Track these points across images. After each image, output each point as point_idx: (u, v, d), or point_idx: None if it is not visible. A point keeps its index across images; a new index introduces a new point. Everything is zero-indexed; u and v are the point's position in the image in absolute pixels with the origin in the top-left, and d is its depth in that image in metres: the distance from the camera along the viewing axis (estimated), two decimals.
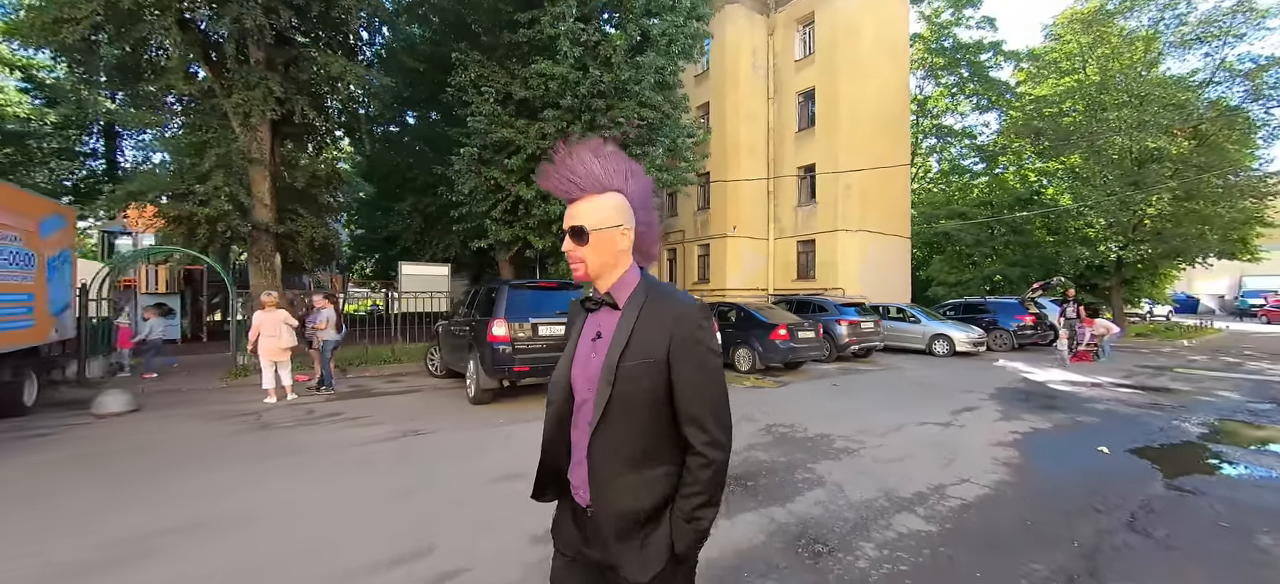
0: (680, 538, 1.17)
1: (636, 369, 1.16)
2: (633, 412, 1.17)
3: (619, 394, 1.16)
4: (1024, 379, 10.04)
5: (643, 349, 1.17)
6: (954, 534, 3.38)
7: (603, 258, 1.23)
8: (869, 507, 3.79)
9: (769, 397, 8.08)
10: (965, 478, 4.43)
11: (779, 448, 5.26)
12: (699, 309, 1.21)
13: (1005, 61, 25.94)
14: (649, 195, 1.32)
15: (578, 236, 1.22)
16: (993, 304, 16.70)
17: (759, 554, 3.07)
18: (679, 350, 1.16)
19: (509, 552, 3.06)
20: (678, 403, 1.17)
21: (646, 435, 1.18)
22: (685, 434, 1.17)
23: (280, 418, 6.46)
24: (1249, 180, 19.13)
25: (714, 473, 1.16)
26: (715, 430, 1.17)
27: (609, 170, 1.24)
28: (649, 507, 1.18)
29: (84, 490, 4.01)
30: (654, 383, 1.16)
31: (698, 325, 1.19)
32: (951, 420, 6.57)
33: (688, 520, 1.16)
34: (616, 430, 1.17)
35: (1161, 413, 7.08)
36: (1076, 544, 3.25)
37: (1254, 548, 3.24)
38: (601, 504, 1.19)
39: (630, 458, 1.18)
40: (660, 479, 1.19)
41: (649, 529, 1.18)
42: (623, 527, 1.17)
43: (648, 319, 1.19)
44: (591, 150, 1.25)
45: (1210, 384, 9.52)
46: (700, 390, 1.17)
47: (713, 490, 1.17)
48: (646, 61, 12.91)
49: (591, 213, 1.22)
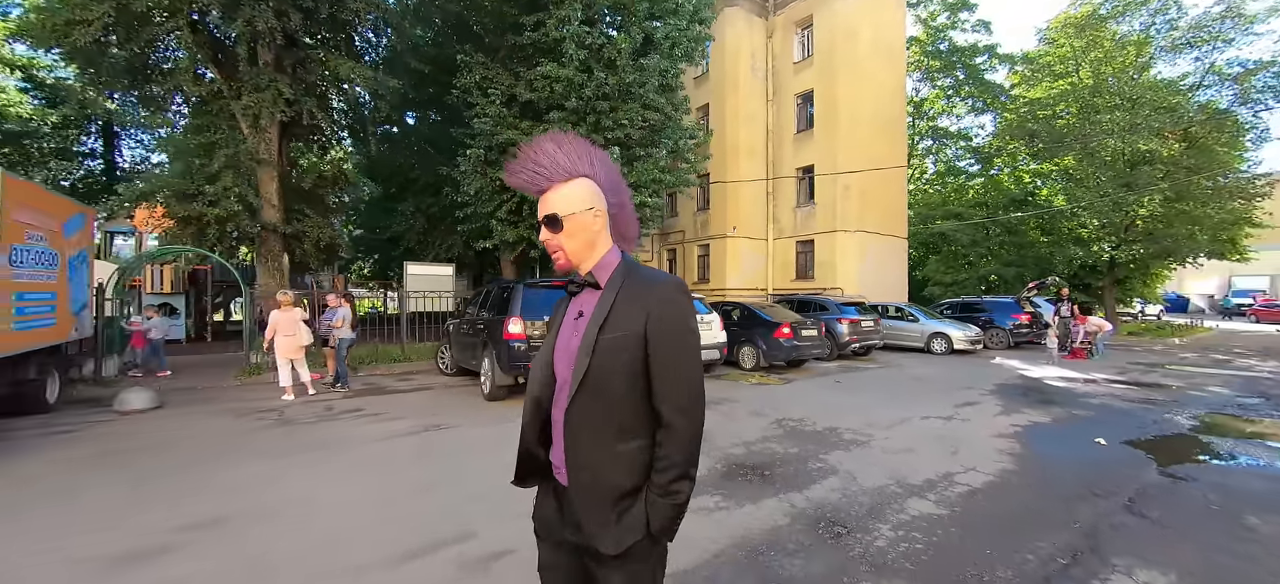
0: (656, 513, 1.17)
1: (615, 342, 1.18)
2: (610, 384, 1.18)
3: (597, 366, 1.18)
4: (1021, 376, 10.30)
5: (622, 323, 1.19)
6: (963, 517, 3.59)
7: (579, 242, 1.26)
8: (882, 493, 4.00)
9: (775, 393, 8.29)
10: (971, 467, 4.65)
11: (791, 440, 5.46)
12: (677, 287, 1.23)
13: (1000, 64, 26.33)
14: (618, 178, 1.34)
15: (552, 225, 1.25)
16: (989, 303, 16.99)
17: (785, 535, 3.27)
18: (656, 325, 1.18)
19: None
20: (652, 376, 1.18)
21: (623, 409, 1.19)
22: (658, 407, 1.18)
23: (301, 414, 6.61)
24: (1237, 182, 19.55)
25: (686, 443, 1.17)
26: (687, 402, 1.18)
27: (573, 157, 1.26)
28: (625, 481, 1.18)
29: (107, 487, 4.12)
30: (632, 356, 1.18)
31: (675, 302, 1.21)
32: (954, 414, 6.80)
33: (663, 494, 1.17)
34: (593, 403, 1.19)
35: (1154, 407, 7.34)
36: (1077, 525, 3.46)
37: (1242, 527, 3.46)
38: (576, 477, 1.20)
39: (606, 431, 1.19)
40: (636, 454, 1.20)
41: (625, 504, 1.18)
42: (597, 500, 1.18)
43: (627, 295, 1.21)
44: (553, 141, 1.28)
45: (1201, 380, 9.81)
46: (675, 364, 1.18)
47: (686, 463, 1.18)
48: (650, 64, 13.11)
49: (562, 200, 1.24)
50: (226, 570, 2.84)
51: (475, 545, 3.10)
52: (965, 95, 27.16)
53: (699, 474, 4.02)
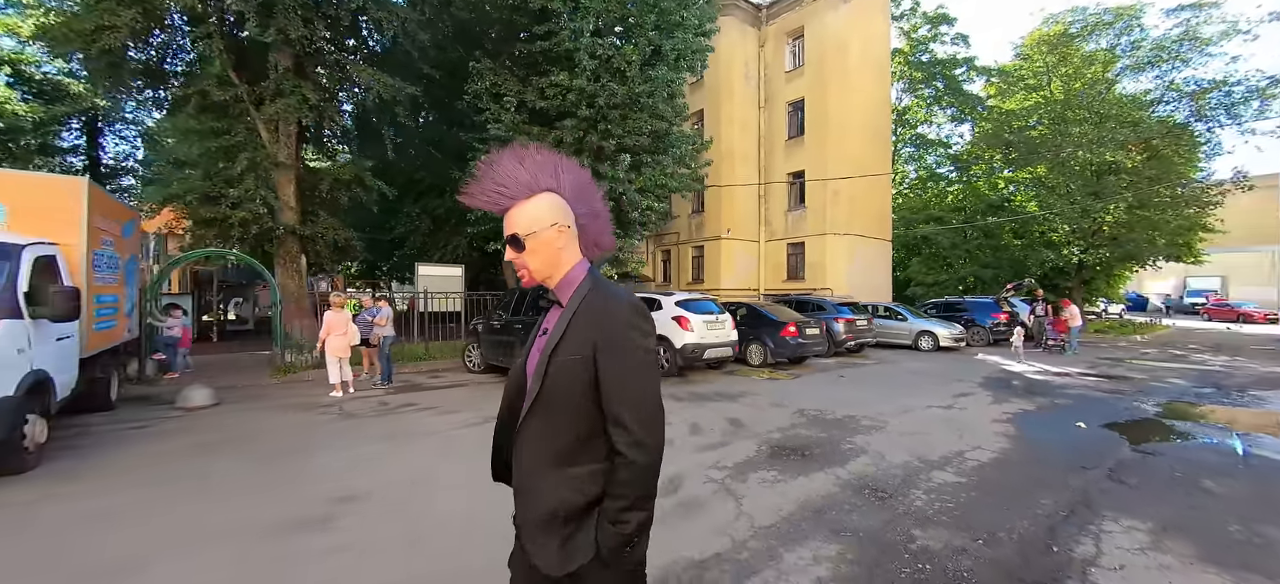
0: (604, 539, 1.13)
1: (567, 364, 1.15)
2: (561, 407, 1.15)
3: (548, 389, 1.15)
4: (1004, 370, 11.25)
5: (573, 345, 1.16)
6: (979, 484, 4.32)
7: (542, 259, 1.23)
8: (908, 467, 4.71)
9: (787, 387, 9.02)
10: (976, 446, 5.41)
11: (816, 427, 6.17)
12: (630, 307, 1.19)
13: (977, 76, 27.72)
14: (587, 186, 1.31)
15: (515, 245, 1.22)
16: (970, 303, 18.09)
17: (838, 499, 3.95)
18: (605, 347, 1.14)
19: None
20: (603, 401, 1.14)
21: (575, 432, 1.16)
22: (609, 433, 1.14)
23: (359, 409, 7.07)
24: (1193, 191, 21.13)
25: (636, 475, 1.12)
26: (638, 431, 1.12)
27: (534, 171, 1.23)
28: (573, 504, 1.15)
29: (230, 472, 4.58)
30: (583, 380, 1.14)
31: (625, 322, 1.17)
32: (953, 403, 7.62)
33: (612, 522, 1.13)
34: (544, 426, 1.16)
35: (1123, 397, 8.28)
36: (1070, 490, 4.22)
37: (1200, 489, 4.27)
38: (522, 497, 1.20)
39: (556, 454, 1.16)
40: (589, 478, 1.16)
41: (572, 528, 1.15)
42: (543, 521, 1.16)
43: (583, 315, 1.18)
44: (514, 157, 1.25)
45: (1161, 373, 10.89)
46: (624, 389, 1.14)
47: (635, 494, 1.13)
48: (659, 75, 13.75)
49: (524, 218, 1.21)
50: (388, 535, 3.38)
51: None
52: (945, 105, 28.51)
53: (752, 453, 4.77)
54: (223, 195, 11.42)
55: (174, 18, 10.54)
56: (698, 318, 9.94)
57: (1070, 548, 3.21)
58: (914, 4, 27.45)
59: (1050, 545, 3.24)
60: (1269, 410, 7.43)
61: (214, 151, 11.80)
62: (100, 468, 4.62)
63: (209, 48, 10.20)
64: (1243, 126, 20.30)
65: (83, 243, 5.62)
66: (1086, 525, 3.53)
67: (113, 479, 4.36)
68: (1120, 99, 21.34)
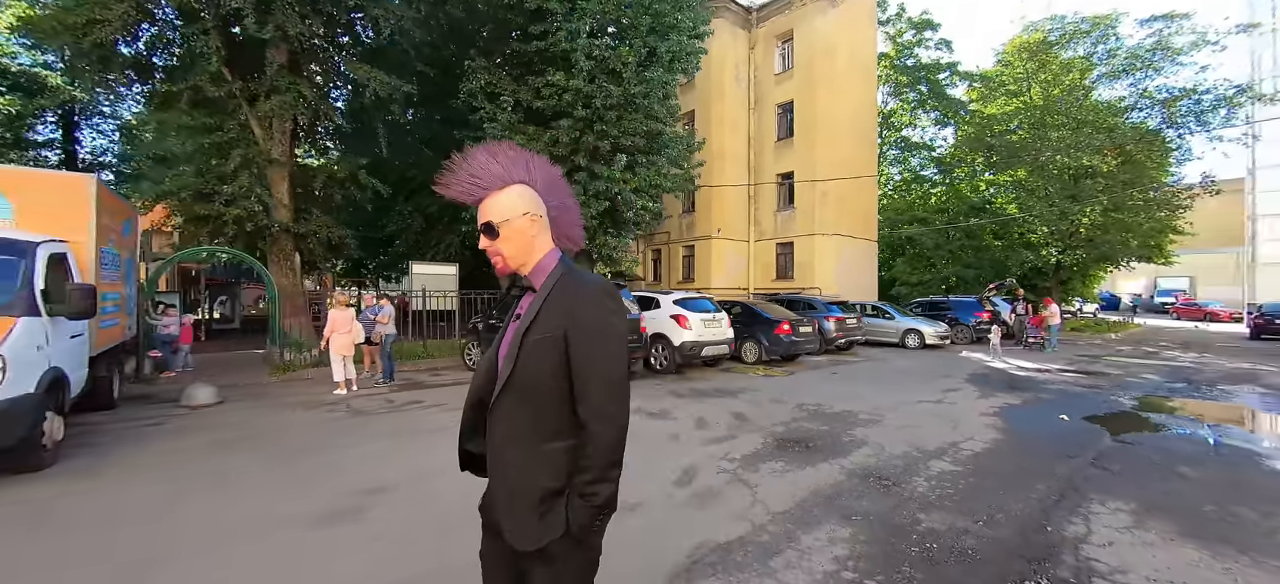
0: (574, 513, 1.18)
1: (539, 344, 1.19)
2: (533, 387, 1.20)
3: (521, 368, 1.19)
4: (989, 367, 11.67)
5: (546, 326, 1.20)
6: (974, 472, 4.58)
7: (515, 246, 1.28)
8: (907, 457, 4.96)
9: (784, 383, 9.27)
10: (969, 437, 5.69)
11: (818, 420, 6.41)
12: (600, 288, 1.25)
13: (960, 81, 28.39)
14: (557, 181, 1.36)
15: (489, 232, 1.27)
16: (954, 302, 18.62)
17: (846, 487, 4.17)
18: (576, 326, 1.19)
19: (665, 489, 4.05)
20: (573, 378, 1.19)
21: (547, 411, 1.20)
22: (578, 409, 1.19)
23: (367, 406, 7.13)
24: (1164, 195, 21.97)
25: (603, 447, 1.16)
26: (605, 404, 1.17)
27: (507, 164, 1.29)
28: (548, 481, 1.19)
29: (248, 468, 4.63)
30: (555, 359, 1.19)
31: (597, 303, 1.22)
32: (943, 398, 7.93)
33: (581, 495, 1.17)
34: (517, 404, 1.21)
35: (1101, 391, 8.69)
36: (1058, 476, 4.50)
37: (1176, 474, 4.58)
38: (495, 475, 1.24)
39: (528, 432, 1.20)
40: (560, 455, 1.21)
41: (547, 504, 1.19)
42: (517, 498, 1.20)
43: (556, 298, 1.23)
44: (486, 151, 1.31)
45: (1135, 369, 11.40)
46: (593, 366, 1.18)
47: (603, 466, 1.17)
48: (654, 77, 13.92)
49: (498, 207, 1.27)
50: (419, 521, 3.50)
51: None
52: (929, 108, 29.16)
53: (759, 445, 4.99)
54: (216, 192, 11.31)
55: (166, 11, 10.40)
56: (695, 316, 10.15)
57: (1062, 528, 3.47)
58: (900, 9, 28.01)
59: (1044, 526, 3.50)
60: (1236, 404, 7.88)
61: (207, 148, 11.67)
62: (119, 464, 4.65)
63: (205, 44, 10.08)
64: (1211, 133, 21.17)
65: (92, 241, 5.61)
66: (1076, 508, 3.80)
67: (134, 475, 4.40)
68: (1096, 105, 22.11)
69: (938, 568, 2.93)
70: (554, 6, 12.83)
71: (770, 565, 2.93)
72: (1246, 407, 7.69)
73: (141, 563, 2.93)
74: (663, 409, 6.99)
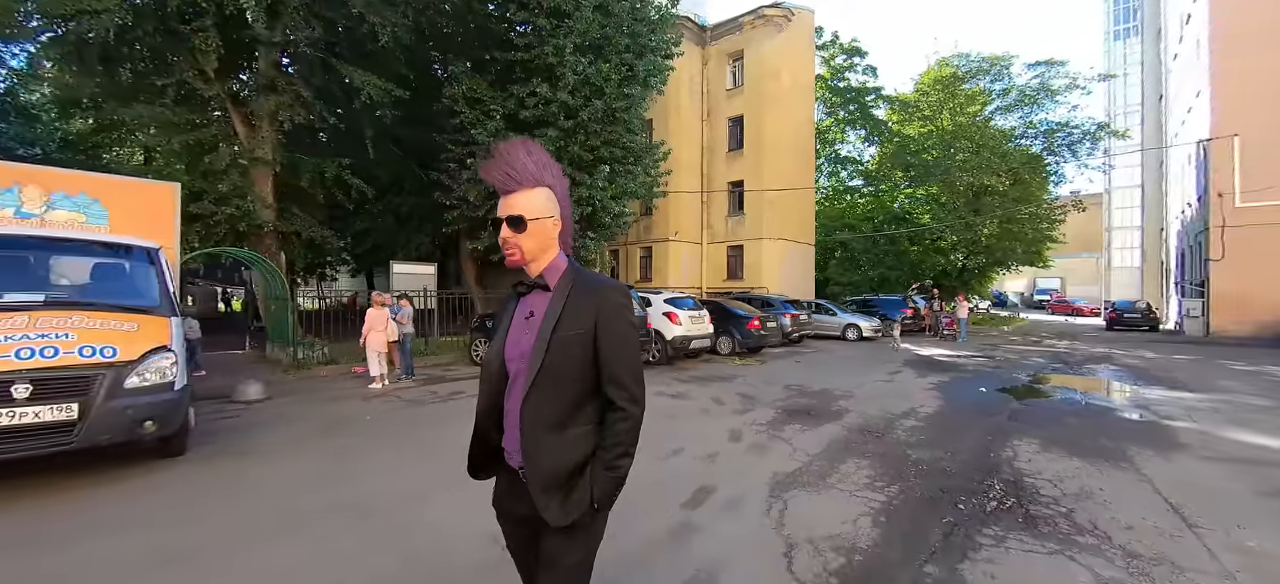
0: (599, 486, 1.33)
1: (568, 340, 1.33)
2: (561, 379, 1.33)
3: (550, 363, 1.32)
4: (917, 354, 13.98)
5: (573, 322, 1.34)
6: (932, 426, 6.27)
7: (536, 243, 1.38)
8: (884, 417, 6.59)
9: (763, 370, 10.86)
10: (920, 405, 7.46)
11: (807, 397, 7.97)
12: (621, 289, 1.41)
13: (883, 103, 31.90)
14: (567, 192, 1.48)
15: (516, 225, 1.36)
16: (881, 300, 21.34)
17: (851, 438, 5.68)
18: (604, 322, 1.35)
19: (725, 445, 5.35)
20: (602, 367, 1.35)
21: (571, 400, 1.35)
22: (608, 393, 1.35)
23: (416, 396, 7.85)
24: (1044, 210, 26.20)
25: (632, 426, 1.35)
26: (634, 388, 1.35)
27: (540, 166, 1.39)
28: (572, 462, 1.34)
29: (366, 448, 5.42)
30: (582, 352, 1.34)
31: (619, 302, 1.39)
32: (891, 378, 9.83)
33: (608, 468, 1.33)
34: (546, 396, 1.33)
35: (1004, 371, 11.01)
36: (988, 425, 6.29)
37: (1062, 424, 6.51)
38: (531, 462, 1.34)
39: (557, 420, 1.34)
40: (581, 438, 1.36)
41: (573, 482, 1.33)
42: (549, 480, 1.32)
43: (577, 297, 1.36)
44: (525, 149, 1.40)
45: (1026, 354, 14.14)
46: (622, 356, 1.35)
47: (630, 443, 1.35)
48: (634, 93, 15.14)
49: (529, 203, 1.36)
50: None
51: (705, 471, 5.12)
52: (857, 127, 32.51)
53: (773, 415, 6.85)
54: (205, 191, 11.22)
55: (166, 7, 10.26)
56: (684, 313, 11.52)
57: (999, 453, 5.15)
58: (834, 36, 31.08)
59: (988, 453, 5.16)
60: (1097, 377, 10.40)
61: (191, 146, 11.50)
62: (247, 449, 5.26)
63: (204, 41, 10.08)
64: (1079, 160, 25.65)
65: (176, 245, 6.04)
66: (1004, 443, 5.53)
67: (274, 455, 5.07)
68: (994, 132, 25.98)
69: (931, 479, 4.45)
70: (542, 23, 13.70)
71: (828, 481, 4.33)
72: (1103, 378, 10.20)
73: (360, 510, 3.82)
74: (679, 392, 8.29)
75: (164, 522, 3.52)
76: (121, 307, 4.49)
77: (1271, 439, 5.70)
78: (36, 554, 3.07)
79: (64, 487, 4.00)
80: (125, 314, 4.41)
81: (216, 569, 2.91)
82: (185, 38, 10.44)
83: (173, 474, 4.41)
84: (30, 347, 3.73)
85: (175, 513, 3.66)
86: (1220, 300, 18.22)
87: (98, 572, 2.89)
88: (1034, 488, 4.21)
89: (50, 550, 3.11)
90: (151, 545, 3.16)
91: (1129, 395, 8.40)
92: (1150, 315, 23.14)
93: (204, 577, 2.84)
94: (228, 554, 3.08)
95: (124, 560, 2.99)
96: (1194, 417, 6.75)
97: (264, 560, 3.01)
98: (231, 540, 3.25)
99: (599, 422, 1.38)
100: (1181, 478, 4.47)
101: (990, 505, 3.85)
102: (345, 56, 12.67)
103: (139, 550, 3.10)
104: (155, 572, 2.88)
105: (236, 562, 3.00)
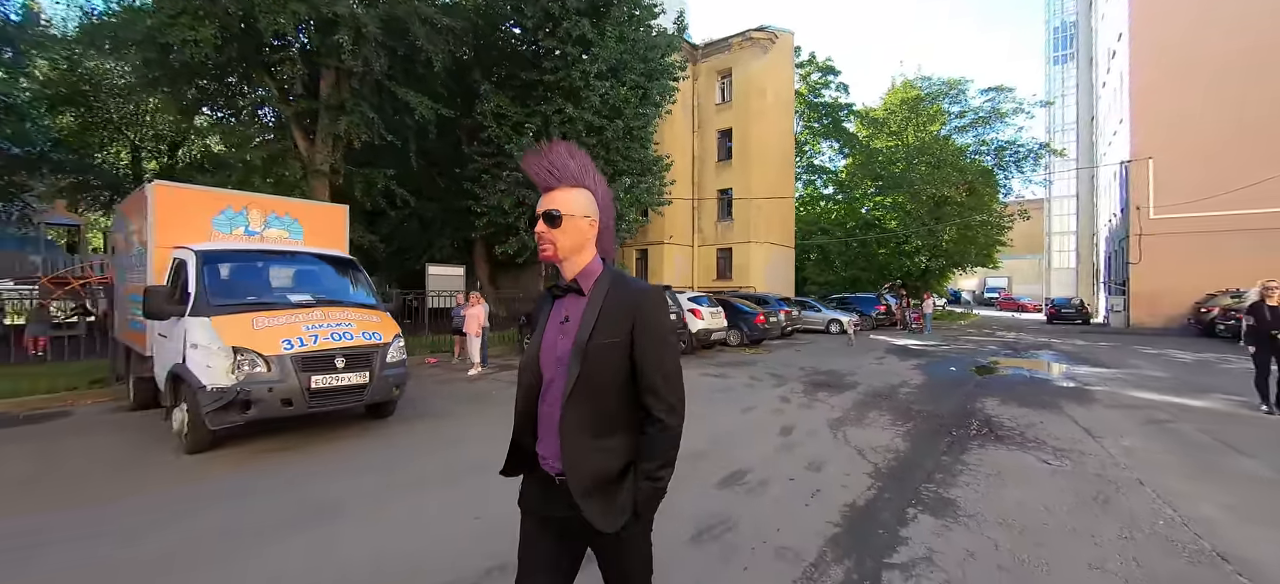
0: (641, 496, 1.33)
1: (604, 348, 1.32)
2: (599, 387, 1.32)
3: (587, 371, 1.31)
4: (894, 345, 16.40)
5: (609, 329, 1.32)
6: (922, 392, 8.41)
7: (571, 241, 1.38)
8: (887, 387, 8.71)
9: (775, 358, 12.92)
10: (907, 379, 9.64)
11: (823, 375, 10.04)
12: (659, 294, 1.39)
13: (853, 117, 34.77)
14: (609, 202, 1.48)
15: (552, 220, 1.37)
16: (857, 298, 23.90)
17: (868, 400, 7.74)
18: (641, 329, 1.33)
19: (780, 405, 7.32)
20: (639, 376, 1.33)
21: (609, 408, 1.34)
22: (645, 403, 1.34)
23: (509, 379, 9.50)
24: (995, 218, 29.49)
25: (671, 438, 1.34)
26: (672, 399, 1.34)
27: (581, 168, 1.42)
28: (613, 470, 1.34)
29: (479, 425, 7.15)
30: (619, 360, 1.33)
31: (657, 308, 1.36)
32: (880, 362, 12.06)
33: (649, 479, 1.32)
34: (585, 403, 1.32)
35: (966, 355, 13.45)
36: (963, 392, 8.48)
37: (1014, 390, 8.77)
38: (573, 470, 1.32)
39: (596, 428, 1.33)
40: (620, 447, 1.36)
41: (613, 490, 1.33)
42: (591, 488, 1.31)
43: (613, 303, 1.35)
44: (568, 150, 1.42)
45: (981, 342, 16.78)
46: (659, 365, 1.33)
47: (670, 453, 1.34)
48: (649, 113, 17.00)
49: (568, 201, 1.38)
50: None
51: (735, 457, 7.06)
52: (831, 139, 35.31)
53: (803, 387, 9.96)
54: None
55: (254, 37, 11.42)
56: (705, 309, 13.48)
57: (973, 406, 7.30)
58: (811, 55, 33.70)
59: (966, 406, 7.31)
60: (1038, 359, 12.94)
61: (264, 161, 12.68)
62: (428, 414, 6.86)
63: (291, 68, 11.34)
64: (1024, 175, 29.11)
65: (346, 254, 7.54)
66: (976, 400, 7.70)
67: (455, 419, 6.71)
68: (952, 148, 29.09)
69: (931, 420, 6.52)
70: (571, 51, 15.37)
71: (865, 421, 6.36)
72: (1043, 360, 12.72)
73: None
74: (718, 373, 10.23)
75: (401, 464, 5.19)
76: (361, 303, 6.07)
77: (1157, 395, 8.10)
78: (326, 484, 4.73)
79: (323, 439, 5.60)
80: (367, 309, 6.00)
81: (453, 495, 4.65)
82: (267, 62, 11.67)
83: (393, 431, 5.99)
84: (335, 331, 5.32)
85: (406, 457, 5.20)
86: (1138, 297, 21.53)
87: (364, 499, 4.47)
88: (999, 422, 6.36)
89: (338, 480, 4.77)
90: (394, 484, 4.38)
91: (1062, 371, 10.87)
92: (1083, 311, 26.67)
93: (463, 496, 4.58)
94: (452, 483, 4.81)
95: (376, 490, 4.69)
96: (1107, 383, 9.18)
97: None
98: (454, 477, 4.97)
99: (640, 430, 1.37)
100: (1093, 416, 6.71)
101: (972, 431, 5.95)
102: (398, 79, 14.05)
103: (384, 485, 4.61)
104: (402, 495, 4.59)
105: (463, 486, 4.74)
